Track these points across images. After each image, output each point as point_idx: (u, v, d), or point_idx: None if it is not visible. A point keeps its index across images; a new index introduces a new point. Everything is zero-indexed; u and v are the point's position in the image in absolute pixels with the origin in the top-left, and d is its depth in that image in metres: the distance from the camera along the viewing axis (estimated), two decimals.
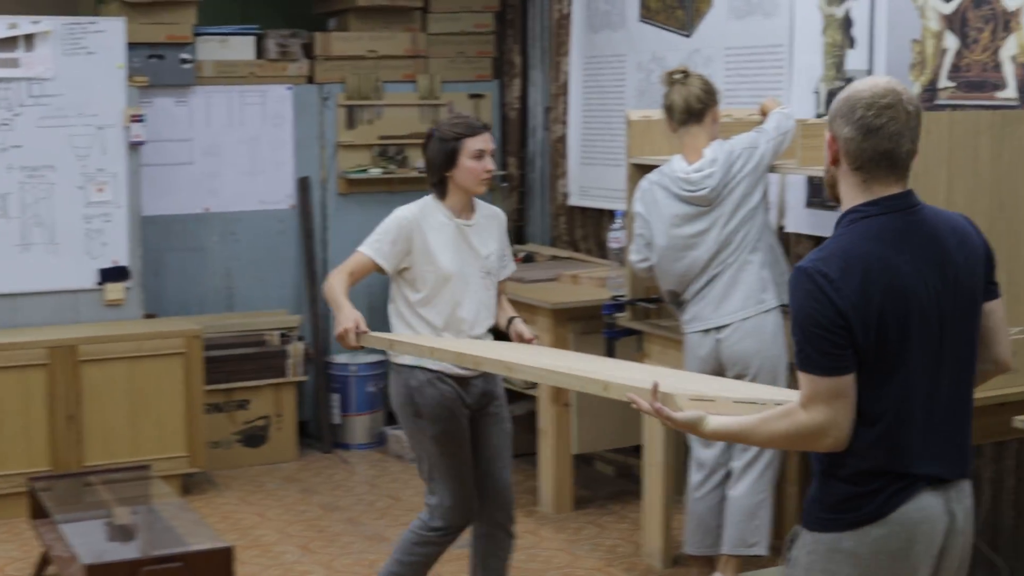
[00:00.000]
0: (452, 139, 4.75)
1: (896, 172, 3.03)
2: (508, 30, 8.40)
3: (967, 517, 3.12)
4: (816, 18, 5.99)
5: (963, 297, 3.07)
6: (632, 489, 6.77)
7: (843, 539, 3.03)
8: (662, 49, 6.99)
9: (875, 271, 2.95)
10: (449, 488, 4.84)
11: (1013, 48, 5.10)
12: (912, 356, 2.99)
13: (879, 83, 3.04)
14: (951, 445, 3.07)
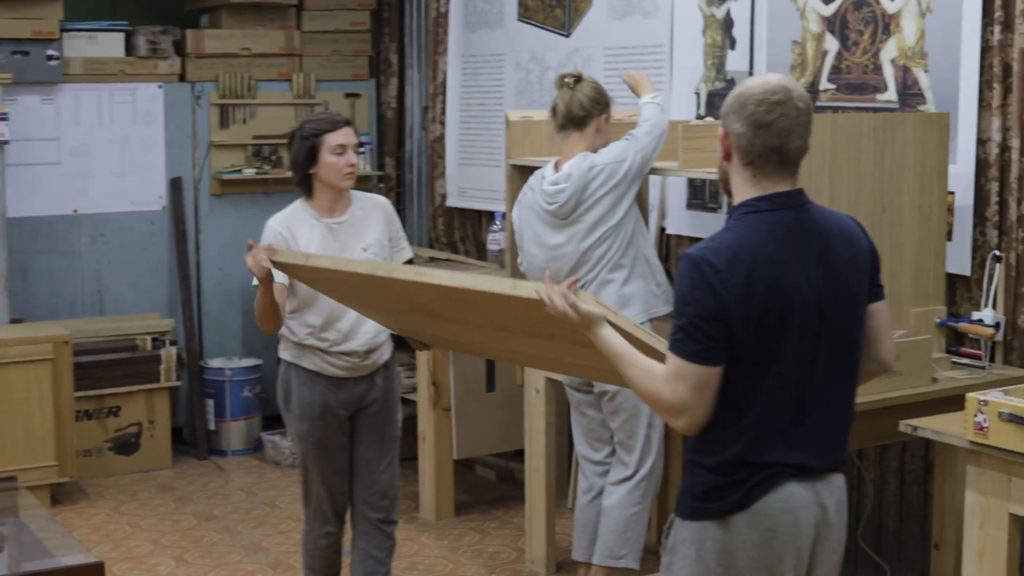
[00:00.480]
0: (312, 135, 4.69)
1: (786, 168, 3.07)
2: (385, 28, 8.29)
3: (840, 510, 3.17)
4: (696, 18, 5.97)
5: (846, 296, 3.11)
6: (514, 494, 6.71)
7: (711, 527, 3.09)
8: (541, 48, 6.93)
9: (761, 266, 2.99)
10: (316, 487, 4.87)
11: (893, 51, 5.11)
12: (788, 350, 3.03)
13: (770, 80, 3.07)
14: (823, 438, 3.12)
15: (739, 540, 3.07)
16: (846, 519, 3.21)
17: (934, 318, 4.68)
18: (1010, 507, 3.80)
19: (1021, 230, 4.71)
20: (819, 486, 3.11)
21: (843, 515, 3.18)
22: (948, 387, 4.50)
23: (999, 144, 4.77)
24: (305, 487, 4.93)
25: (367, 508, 4.96)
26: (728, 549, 3.08)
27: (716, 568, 3.10)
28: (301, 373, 4.78)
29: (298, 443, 4.89)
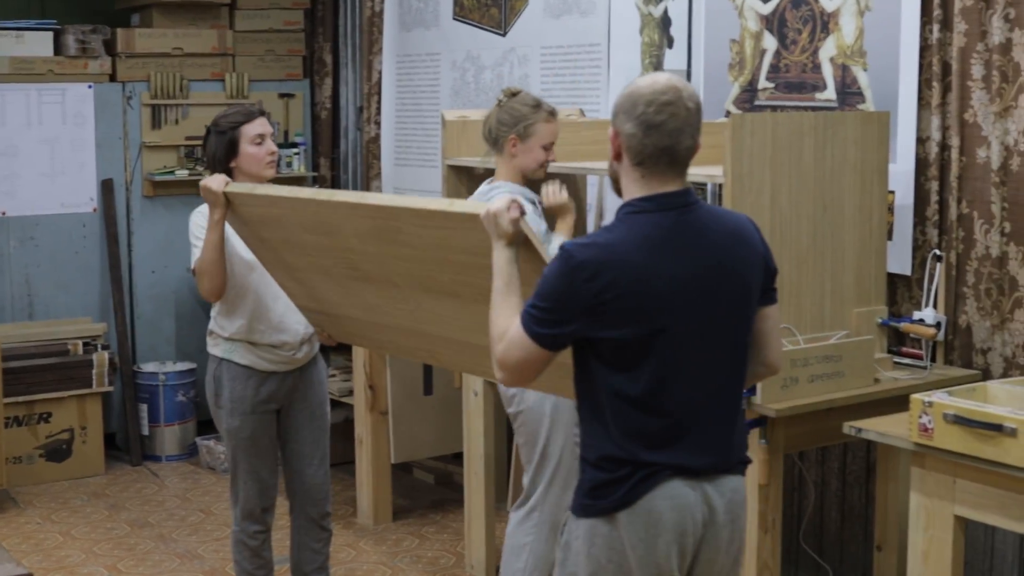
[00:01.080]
0: (229, 128, 4.67)
1: (675, 168, 3.10)
2: (319, 28, 8.20)
3: (732, 511, 3.19)
4: (633, 17, 5.92)
5: (733, 298, 3.13)
6: (453, 497, 6.65)
7: (599, 524, 3.12)
8: (477, 48, 6.87)
9: (632, 267, 3.02)
10: (246, 483, 4.83)
11: (832, 49, 5.08)
12: (663, 351, 3.06)
13: (659, 80, 3.08)
14: (711, 439, 3.14)
15: (626, 537, 3.10)
16: (742, 522, 3.24)
17: (875, 318, 4.65)
18: (955, 509, 3.77)
19: (961, 229, 4.70)
20: (707, 486, 3.14)
21: (737, 517, 3.20)
22: (890, 388, 4.48)
23: (938, 143, 4.75)
24: (234, 487, 4.88)
25: (304, 504, 4.95)
26: (616, 546, 3.12)
27: (607, 565, 3.14)
28: (232, 368, 4.74)
29: (228, 440, 4.83)
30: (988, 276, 4.62)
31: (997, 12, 4.53)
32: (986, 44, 4.58)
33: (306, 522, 4.98)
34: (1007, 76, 4.52)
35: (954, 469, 3.74)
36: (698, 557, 3.16)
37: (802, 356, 4.31)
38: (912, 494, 3.88)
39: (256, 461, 4.82)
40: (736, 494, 3.20)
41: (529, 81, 6.50)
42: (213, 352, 4.80)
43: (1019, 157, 4.51)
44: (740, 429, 3.25)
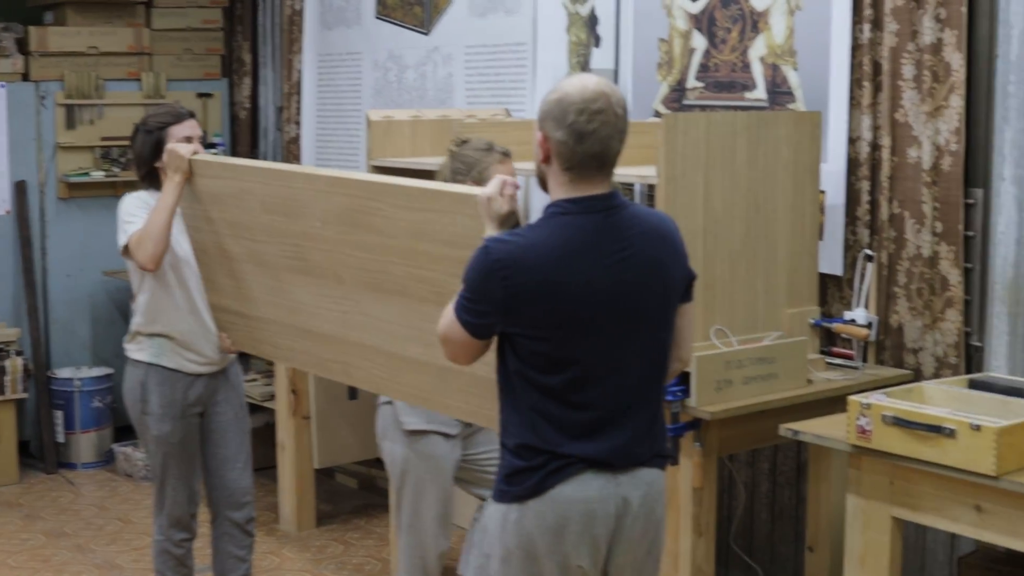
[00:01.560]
0: (157, 128, 4.60)
1: (604, 172, 3.14)
2: (237, 26, 8.07)
3: (647, 504, 3.21)
4: (560, 16, 5.86)
5: (655, 298, 3.18)
6: (377, 502, 6.56)
7: (512, 511, 3.17)
8: (400, 47, 6.78)
9: (548, 271, 3.05)
10: (175, 490, 4.75)
11: (762, 49, 5.05)
12: (581, 348, 3.10)
13: (588, 86, 3.09)
14: (628, 433, 3.17)
15: (535, 525, 3.14)
16: (661, 515, 3.27)
17: (808, 319, 4.62)
18: (892, 511, 3.74)
19: (892, 229, 4.68)
20: (622, 479, 3.17)
21: (653, 510, 3.23)
22: (824, 389, 4.45)
23: (870, 143, 4.73)
24: (160, 495, 4.79)
25: (229, 509, 4.89)
26: (526, 533, 3.16)
27: (516, 550, 3.18)
28: (160, 373, 4.66)
29: (156, 447, 4.73)
30: (919, 276, 4.61)
31: (928, 12, 4.51)
32: (917, 44, 4.56)
33: (231, 528, 4.90)
34: (938, 76, 4.51)
35: (891, 471, 3.72)
36: (613, 549, 3.20)
37: (736, 358, 4.26)
38: (849, 496, 3.85)
39: (185, 466, 4.75)
40: (652, 487, 3.23)
41: (453, 81, 6.43)
42: (136, 357, 4.71)
43: (950, 157, 4.50)
44: (659, 423, 3.27)
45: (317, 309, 4.16)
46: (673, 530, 4.31)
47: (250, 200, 4.27)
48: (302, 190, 4.09)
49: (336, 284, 4.04)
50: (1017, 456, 3.46)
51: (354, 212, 3.87)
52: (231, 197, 4.34)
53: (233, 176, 4.35)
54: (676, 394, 4.18)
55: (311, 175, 4.11)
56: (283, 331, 4.39)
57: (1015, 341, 4.40)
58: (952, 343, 4.54)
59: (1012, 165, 4.37)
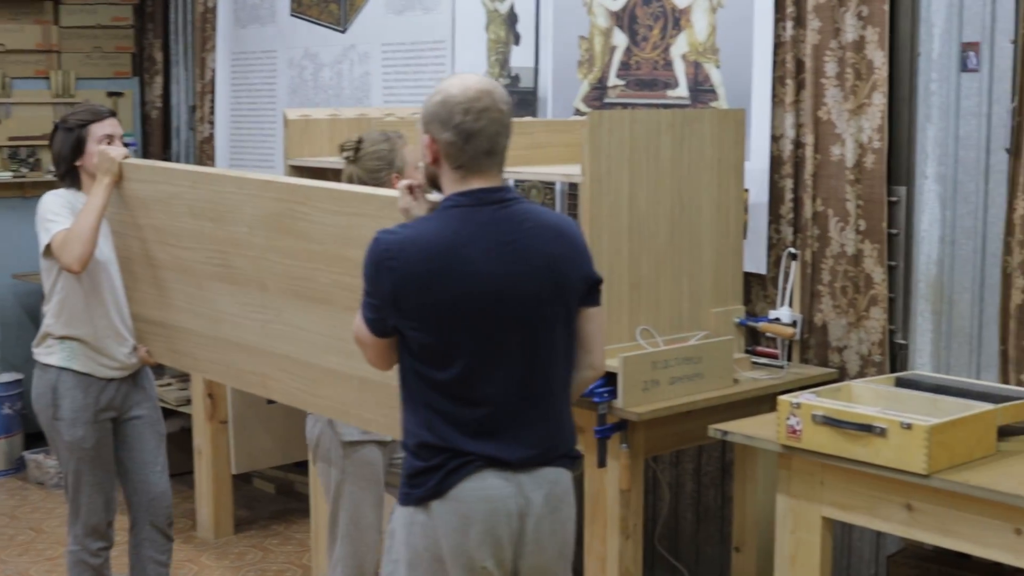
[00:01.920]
0: (77, 127, 4.54)
1: (494, 167, 3.15)
2: (148, 24, 7.93)
3: (551, 503, 3.19)
4: (479, 13, 5.80)
5: (548, 294, 3.14)
6: (296, 507, 6.47)
7: (416, 513, 3.16)
8: (315, 45, 6.69)
9: (436, 256, 3.06)
10: (91, 497, 4.66)
11: (684, 46, 5.02)
12: (473, 342, 3.09)
13: (471, 85, 3.11)
14: (527, 432, 3.15)
15: (439, 526, 3.13)
16: (567, 514, 3.24)
17: (733, 318, 4.59)
18: (823, 510, 3.72)
19: (816, 227, 4.67)
20: (523, 478, 3.15)
21: (558, 510, 3.21)
22: (750, 388, 4.41)
23: (793, 140, 4.71)
24: (75, 503, 4.68)
25: (149, 514, 4.81)
26: (431, 535, 3.14)
27: (423, 552, 3.16)
28: (72, 377, 4.57)
29: (69, 454, 4.63)
30: (844, 274, 4.60)
31: (850, 9, 4.50)
32: (839, 41, 4.55)
33: (151, 532, 4.81)
34: (860, 74, 4.50)
35: (821, 470, 3.69)
36: (520, 551, 3.18)
37: (663, 358, 4.22)
38: (779, 496, 3.82)
39: (101, 473, 4.66)
40: (556, 486, 3.20)
41: (371, 79, 6.35)
42: (47, 361, 4.61)
43: (873, 155, 4.49)
44: (564, 422, 3.24)
45: (239, 319, 4.11)
46: (600, 532, 4.27)
47: (178, 205, 4.23)
48: (232, 194, 4.06)
49: (259, 292, 4.00)
50: (947, 454, 3.45)
51: (282, 217, 3.84)
52: (159, 202, 4.29)
53: (163, 180, 4.30)
54: (603, 395, 4.13)
55: (241, 179, 4.07)
56: (203, 342, 4.34)
57: (939, 338, 4.40)
58: (876, 341, 4.53)
59: (935, 163, 4.37)
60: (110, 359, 4.59)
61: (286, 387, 4.04)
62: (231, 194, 4.04)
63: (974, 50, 4.27)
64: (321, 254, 3.72)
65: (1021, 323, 4.15)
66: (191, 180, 4.21)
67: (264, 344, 4.04)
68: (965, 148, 4.30)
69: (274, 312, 3.97)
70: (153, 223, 4.36)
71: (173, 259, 4.31)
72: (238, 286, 4.08)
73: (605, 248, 4.20)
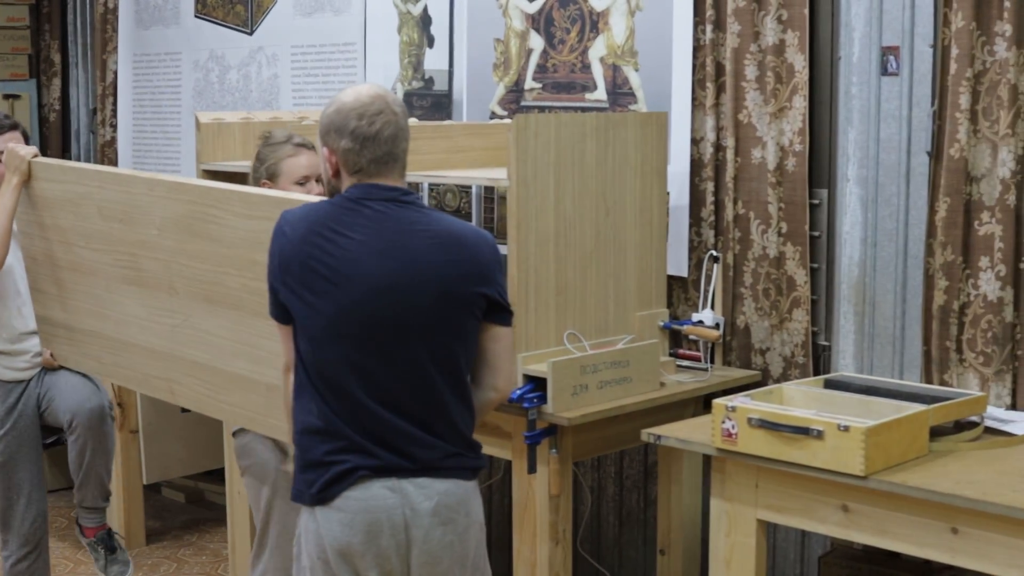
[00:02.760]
0: None
1: (395, 171, 3.18)
2: (45, 25, 7.76)
3: (442, 514, 3.15)
4: (391, 15, 5.75)
5: (428, 304, 3.11)
6: (208, 517, 6.38)
7: (308, 520, 3.16)
8: (221, 47, 6.59)
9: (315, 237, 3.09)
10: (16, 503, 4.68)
11: (602, 49, 5.02)
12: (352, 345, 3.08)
13: (363, 92, 3.15)
14: (409, 438, 3.12)
15: (325, 534, 3.12)
16: (464, 525, 3.20)
17: (658, 321, 4.59)
18: (758, 513, 3.73)
19: (738, 230, 4.69)
20: (408, 487, 3.12)
21: (452, 521, 3.17)
22: (676, 392, 4.42)
23: (713, 143, 4.73)
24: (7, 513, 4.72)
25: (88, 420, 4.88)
26: (320, 542, 3.14)
27: (317, 560, 3.15)
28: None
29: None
30: (766, 276, 4.62)
31: (770, 13, 4.53)
32: (759, 45, 4.58)
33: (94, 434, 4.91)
34: (781, 77, 4.53)
35: (756, 473, 3.70)
36: (409, 562, 3.15)
37: (591, 363, 4.21)
38: (713, 500, 3.82)
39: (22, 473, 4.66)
40: (447, 497, 3.16)
41: (279, 82, 6.27)
42: None
43: (794, 157, 4.52)
44: (457, 432, 3.19)
45: (146, 322, 4.06)
46: (529, 539, 4.25)
47: (87, 206, 4.15)
48: (142, 195, 4.00)
49: (168, 295, 3.96)
50: (883, 455, 3.47)
51: (193, 220, 3.81)
52: (68, 202, 4.20)
53: (73, 180, 4.22)
54: (532, 401, 4.11)
55: (152, 180, 4.01)
56: (108, 345, 4.26)
57: (862, 339, 4.44)
58: (799, 343, 4.56)
59: (856, 165, 4.41)
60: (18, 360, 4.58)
61: (192, 392, 4.00)
62: (141, 195, 3.99)
63: (894, 54, 4.32)
64: (231, 258, 3.70)
65: (943, 324, 4.20)
66: (101, 180, 4.15)
67: (172, 349, 4.00)
68: (886, 151, 4.34)
69: (183, 316, 3.93)
70: (60, 224, 4.28)
71: (80, 260, 4.24)
72: (147, 289, 4.04)
73: (532, 253, 4.18)
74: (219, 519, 6.27)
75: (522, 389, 4.12)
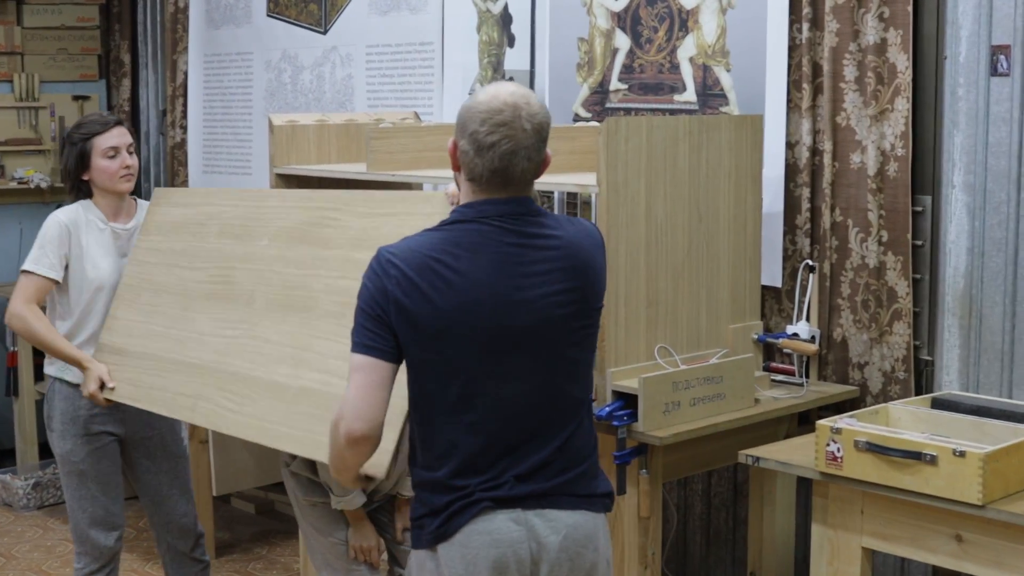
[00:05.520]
0: (81, 140, 4.45)
1: (510, 188, 2.91)
2: (115, 24, 7.64)
3: (570, 550, 2.94)
4: (470, 13, 5.57)
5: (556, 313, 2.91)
6: (277, 528, 6.23)
7: (425, 558, 2.95)
8: (294, 47, 6.44)
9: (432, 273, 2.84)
10: (80, 514, 4.52)
11: (692, 49, 4.81)
12: (474, 366, 2.87)
13: (499, 95, 2.87)
14: (536, 467, 2.91)
15: (447, 571, 2.91)
16: (590, 561, 2.97)
17: (752, 334, 4.38)
18: (863, 540, 3.52)
19: (835, 238, 4.47)
20: (534, 520, 2.91)
21: (581, 556, 2.95)
22: (771, 408, 4.20)
23: (809, 148, 4.51)
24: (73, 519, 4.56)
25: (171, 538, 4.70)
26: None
27: None
28: (63, 388, 4.48)
29: (62, 466, 4.53)
30: (865, 287, 4.39)
31: (871, 11, 4.30)
32: (859, 44, 4.35)
33: (177, 556, 4.72)
34: (882, 78, 4.30)
35: (861, 498, 3.49)
36: None
37: (684, 378, 4.00)
38: (815, 526, 3.62)
39: (95, 488, 4.50)
40: (575, 530, 2.95)
41: (354, 82, 6.11)
42: (47, 371, 4.55)
43: (896, 163, 4.29)
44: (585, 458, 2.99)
45: (207, 337, 4.13)
46: (617, 561, 4.04)
47: (212, 225, 4.34)
48: (270, 209, 4.22)
49: (245, 306, 4.05)
50: (1002, 483, 3.25)
51: (309, 226, 4.00)
52: (194, 224, 4.38)
53: (204, 202, 4.44)
54: (622, 419, 3.91)
55: (284, 193, 4.32)
56: (153, 366, 4.27)
57: (967, 354, 4.21)
58: (900, 357, 4.33)
59: (962, 171, 4.17)
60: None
61: (213, 408, 3.99)
62: (270, 208, 4.21)
63: (1005, 53, 4.08)
64: (328, 259, 3.84)
65: None
66: (234, 199, 4.38)
67: (218, 362, 4.03)
68: (995, 156, 4.11)
69: (247, 327, 3.99)
70: (174, 247, 4.38)
71: (173, 281, 4.32)
72: (226, 302, 4.12)
73: (622, 263, 3.98)
74: (289, 531, 6.11)
75: (611, 406, 3.93)
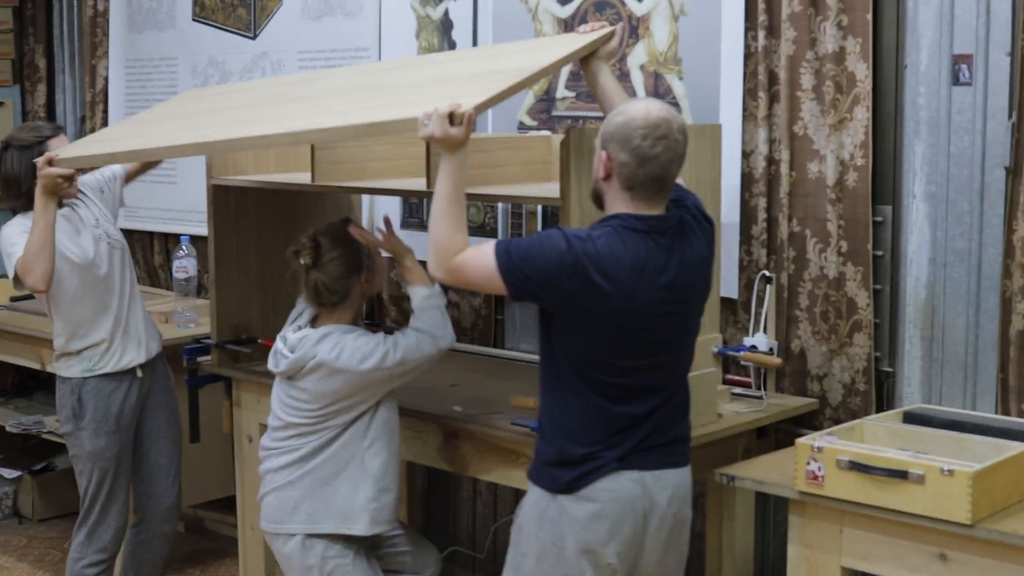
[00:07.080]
0: (36, 144, 4.56)
1: (662, 194, 3.30)
2: (29, 28, 7.40)
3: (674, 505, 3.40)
4: (408, 19, 5.44)
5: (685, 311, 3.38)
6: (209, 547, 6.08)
7: (549, 508, 3.33)
8: (222, 52, 6.26)
9: (619, 284, 3.20)
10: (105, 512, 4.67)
11: (643, 56, 4.73)
12: (628, 353, 3.29)
13: (653, 111, 3.24)
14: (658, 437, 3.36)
15: (567, 523, 3.29)
16: (685, 515, 3.46)
17: (711, 347, 4.30)
18: (842, 560, 3.45)
19: (792, 249, 4.41)
20: (648, 479, 3.33)
21: (681, 511, 3.42)
22: (734, 424, 4.13)
23: (766, 157, 4.45)
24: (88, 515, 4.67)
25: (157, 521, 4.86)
26: (560, 531, 3.30)
27: (552, 548, 3.32)
28: (96, 384, 4.60)
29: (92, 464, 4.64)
30: (824, 298, 4.34)
31: (829, 19, 4.24)
32: (816, 52, 4.30)
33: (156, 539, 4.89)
34: (841, 87, 4.25)
35: (840, 518, 3.43)
36: (642, 549, 3.35)
37: None
38: (791, 545, 3.55)
39: (122, 482, 4.66)
40: (679, 489, 3.41)
41: None
42: (67, 374, 4.62)
43: (856, 172, 4.24)
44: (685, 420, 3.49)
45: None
46: None
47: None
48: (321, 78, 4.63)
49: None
50: (990, 501, 3.21)
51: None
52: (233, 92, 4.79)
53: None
54: None
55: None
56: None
57: (929, 366, 4.17)
58: (861, 369, 4.28)
59: (924, 181, 4.14)
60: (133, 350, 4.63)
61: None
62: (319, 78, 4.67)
63: (966, 63, 4.05)
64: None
65: (1022, 350, 3.93)
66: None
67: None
68: (957, 165, 4.08)
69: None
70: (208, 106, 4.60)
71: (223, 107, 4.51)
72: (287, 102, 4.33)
73: None
74: (221, 549, 5.97)
75: None
